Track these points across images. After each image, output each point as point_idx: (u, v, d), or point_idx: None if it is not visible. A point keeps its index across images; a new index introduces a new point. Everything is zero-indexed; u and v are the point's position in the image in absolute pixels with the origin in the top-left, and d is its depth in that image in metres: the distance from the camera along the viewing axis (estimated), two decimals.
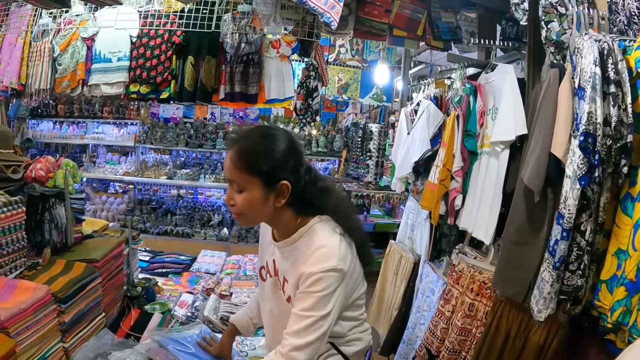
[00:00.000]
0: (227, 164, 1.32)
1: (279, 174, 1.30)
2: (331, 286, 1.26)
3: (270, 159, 1.29)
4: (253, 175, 1.28)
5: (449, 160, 2.61)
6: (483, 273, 2.30)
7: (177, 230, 5.24)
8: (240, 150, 1.29)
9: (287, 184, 1.30)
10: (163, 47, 3.10)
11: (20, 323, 1.34)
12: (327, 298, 1.26)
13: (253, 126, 1.45)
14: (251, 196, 1.30)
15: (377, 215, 5.81)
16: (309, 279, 1.26)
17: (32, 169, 1.91)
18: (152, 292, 2.45)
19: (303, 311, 1.26)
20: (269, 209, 1.33)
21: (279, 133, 1.36)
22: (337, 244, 1.32)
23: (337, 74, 5.34)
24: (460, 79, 2.65)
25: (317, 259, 1.28)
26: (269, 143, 1.31)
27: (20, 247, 1.70)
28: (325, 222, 1.39)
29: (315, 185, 1.39)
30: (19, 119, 5.53)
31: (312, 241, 1.33)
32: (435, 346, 2.48)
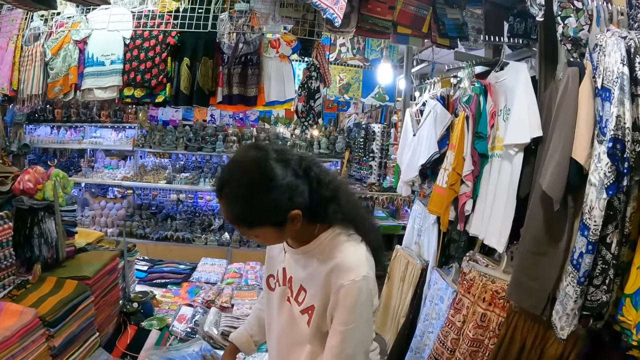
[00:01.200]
0: (227, 218, 1.26)
1: (284, 209, 1.21)
2: (363, 295, 1.24)
3: (269, 209, 1.20)
4: (259, 227, 1.24)
5: (458, 163, 2.50)
6: (496, 282, 2.19)
7: (177, 236, 5.14)
8: (234, 213, 1.22)
9: (297, 212, 1.23)
10: (158, 49, 2.99)
11: (4, 352, 1.25)
12: (360, 307, 1.24)
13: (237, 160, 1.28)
14: (267, 237, 1.29)
15: (381, 217, 5.70)
16: (341, 290, 1.23)
17: (20, 181, 1.82)
18: (150, 307, 2.36)
19: (340, 325, 1.24)
20: (288, 234, 1.30)
21: (265, 166, 1.20)
22: (364, 254, 1.29)
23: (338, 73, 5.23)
24: (469, 78, 2.55)
25: (346, 269, 1.24)
26: (262, 193, 1.18)
27: (7, 265, 1.61)
28: (348, 229, 1.33)
29: (324, 190, 1.29)
30: (16, 124, 5.43)
31: (336, 251, 1.28)
32: (445, 357, 2.38)
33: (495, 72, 2.37)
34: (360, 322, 1.24)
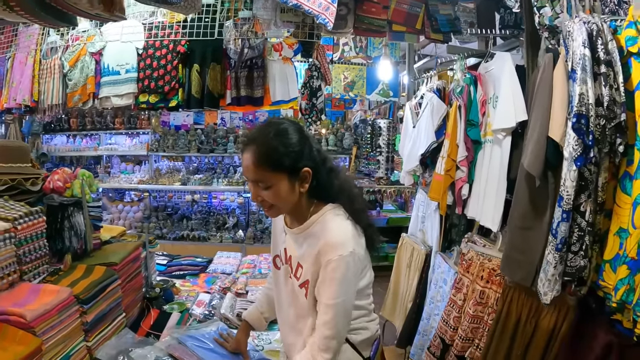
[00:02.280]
0: (249, 166, 1.37)
1: (300, 163, 1.38)
2: (350, 269, 1.34)
3: (291, 153, 1.36)
4: (278, 172, 1.36)
5: (453, 150, 2.64)
6: (492, 260, 2.33)
7: (193, 235, 5.33)
8: (261, 152, 1.35)
9: (309, 169, 1.39)
10: (169, 57, 3.18)
11: (45, 323, 1.42)
12: (348, 281, 1.34)
13: (263, 125, 1.47)
14: (279, 190, 1.37)
15: (390, 210, 5.84)
16: (328, 265, 1.33)
17: (50, 180, 1.99)
18: (170, 293, 2.52)
19: (329, 299, 1.34)
20: (295, 196, 1.41)
21: (289, 125, 1.42)
22: (351, 230, 1.40)
23: (342, 72, 5.38)
24: (461, 70, 2.69)
25: (333, 245, 1.35)
26: (284, 139, 1.37)
27: (42, 255, 1.77)
28: (337, 208, 1.46)
29: (324, 165, 1.47)
30: (33, 134, 5.67)
31: (326, 228, 1.40)
32: (449, 335, 2.51)
33: (485, 63, 2.51)
34: (348, 295, 1.36)
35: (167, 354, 1.68)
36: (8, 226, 1.59)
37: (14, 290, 1.56)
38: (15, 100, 3.49)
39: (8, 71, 3.60)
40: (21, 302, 1.47)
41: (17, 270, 1.63)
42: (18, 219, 1.65)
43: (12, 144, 2.13)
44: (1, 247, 1.55)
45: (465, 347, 2.38)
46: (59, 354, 1.48)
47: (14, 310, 1.39)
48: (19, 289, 1.57)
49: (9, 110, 3.68)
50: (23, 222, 1.67)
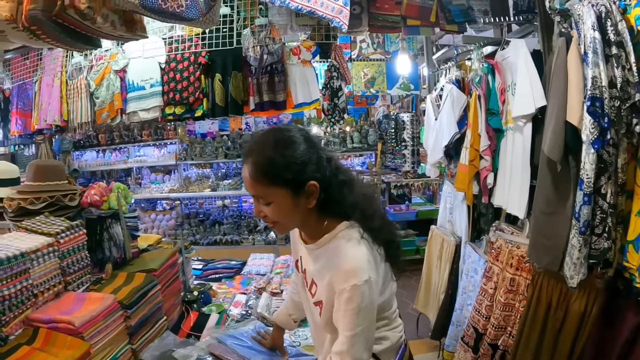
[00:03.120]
0: (247, 179, 1.26)
1: (304, 176, 1.24)
2: (365, 298, 1.22)
3: (292, 165, 1.22)
4: (278, 187, 1.23)
5: (475, 140, 2.66)
6: (520, 247, 2.33)
7: (226, 239, 5.47)
8: (258, 165, 1.23)
9: (315, 183, 1.25)
10: (191, 69, 3.29)
11: (92, 328, 1.51)
12: (364, 310, 1.23)
13: (264, 133, 1.34)
14: (281, 206, 1.26)
15: (418, 204, 5.83)
16: (342, 295, 1.23)
17: (87, 195, 2.11)
18: (208, 296, 2.61)
19: (346, 330, 1.24)
20: (301, 213, 1.29)
21: (292, 133, 1.29)
22: (365, 255, 1.27)
23: (362, 69, 5.40)
24: (478, 59, 2.69)
25: (347, 274, 1.23)
26: (285, 149, 1.24)
27: (84, 265, 1.88)
28: (352, 228, 1.33)
29: (337, 177, 1.33)
30: (64, 152, 5.92)
31: (339, 253, 1.28)
32: (481, 324, 2.53)
33: (501, 51, 2.51)
34: (366, 323, 1.24)
35: (209, 352, 1.75)
36: (51, 240, 1.70)
37: (60, 300, 1.67)
38: (45, 121, 3.66)
39: (36, 94, 3.79)
40: (68, 310, 1.57)
41: (61, 281, 1.74)
42: (60, 233, 1.76)
43: (48, 163, 2.25)
44: (46, 260, 1.66)
45: (498, 335, 2.39)
46: (107, 357, 1.57)
47: (62, 317, 1.49)
48: (65, 298, 1.68)
49: (40, 131, 3.87)
50: (65, 235, 1.78)
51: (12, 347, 1.41)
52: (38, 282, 1.63)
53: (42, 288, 1.65)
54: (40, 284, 1.64)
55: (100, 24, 1.88)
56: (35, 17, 1.82)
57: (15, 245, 1.60)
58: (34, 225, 1.81)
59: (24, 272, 1.57)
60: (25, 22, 1.84)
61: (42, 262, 1.66)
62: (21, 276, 1.55)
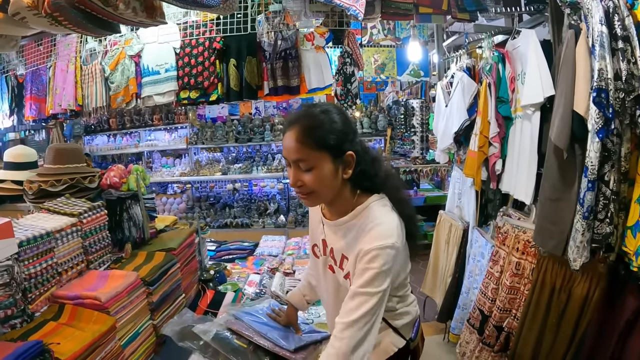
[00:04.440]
0: (292, 144, 1.30)
1: (345, 145, 1.32)
2: (388, 263, 1.25)
3: (336, 132, 1.30)
4: (322, 151, 1.29)
5: (484, 127, 2.70)
6: (527, 232, 2.39)
7: (236, 222, 5.56)
8: (307, 128, 1.29)
9: (353, 153, 1.33)
10: (206, 54, 3.34)
11: (117, 304, 1.59)
12: (384, 274, 1.25)
13: (307, 105, 1.40)
14: (322, 172, 1.30)
15: (427, 189, 5.88)
16: (367, 255, 1.26)
17: (107, 177, 2.18)
18: (223, 275, 2.71)
19: (359, 287, 1.26)
20: (337, 183, 1.35)
21: (332, 107, 1.38)
22: (396, 223, 1.32)
23: (372, 55, 5.41)
24: (489, 48, 2.72)
25: (376, 235, 1.28)
26: (330, 117, 1.32)
27: (105, 245, 1.95)
28: (382, 199, 1.40)
29: (367, 154, 1.42)
30: (75, 136, 6.00)
31: (371, 218, 1.34)
32: (487, 307, 2.60)
33: (512, 40, 2.54)
34: (381, 287, 1.25)
35: (227, 328, 1.82)
36: (75, 220, 1.77)
37: (84, 277, 1.74)
38: (60, 106, 3.71)
39: (50, 79, 3.84)
40: (92, 287, 1.64)
41: (84, 260, 1.81)
42: (83, 214, 1.82)
43: (67, 147, 2.31)
44: (69, 240, 1.73)
45: (503, 318, 2.46)
46: (130, 331, 1.66)
47: (88, 294, 1.56)
48: (88, 276, 1.75)
49: (55, 116, 3.93)
50: (87, 216, 1.85)
51: (39, 323, 1.47)
52: (62, 260, 1.69)
53: (66, 266, 1.72)
54: (64, 262, 1.71)
55: (122, 10, 1.92)
56: (58, 3, 1.86)
57: (40, 225, 1.66)
58: (56, 206, 1.87)
59: (49, 251, 1.63)
60: (47, 8, 1.88)
61: (66, 242, 1.72)
62: (46, 255, 1.61)
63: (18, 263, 1.52)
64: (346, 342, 1.23)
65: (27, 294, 1.56)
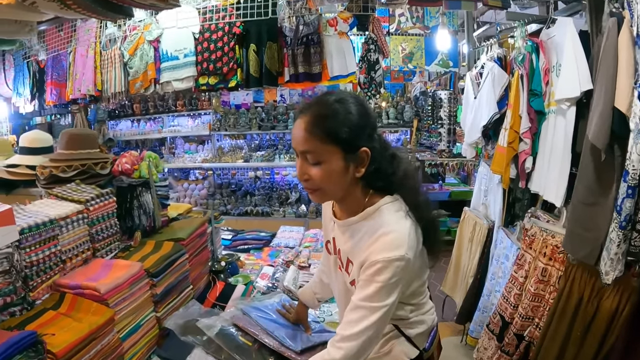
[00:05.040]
0: (299, 134, 1.19)
1: (359, 140, 1.19)
2: (395, 276, 1.14)
3: (350, 124, 1.17)
4: (332, 144, 1.17)
5: (515, 121, 2.55)
6: (555, 237, 2.24)
7: (256, 210, 5.51)
8: (317, 117, 1.17)
9: (367, 150, 1.20)
10: (225, 39, 3.26)
11: (117, 295, 1.54)
12: (389, 288, 1.15)
13: (324, 93, 1.27)
14: (330, 168, 1.18)
15: (452, 184, 5.72)
16: (373, 266, 1.15)
17: (119, 164, 2.13)
18: (235, 266, 2.64)
19: (362, 300, 1.17)
20: (347, 181, 1.22)
21: (350, 97, 1.24)
22: (407, 231, 1.19)
23: (400, 43, 5.24)
24: (522, 37, 2.55)
25: (384, 245, 1.16)
26: (345, 108, 1.19)
27: (113, 233, 1.91)
28: (395, 202, 1.27)
29: (386, 151, 1.28)
30: (99, 121, 6.07)
31: (380, 224, 1.22)
32: (508, 313, 2.47)
33: (546, 29, 2.37)
34: (385, 303, 1.15)
35: (232, 323, 1.76)
36: (81, 207, 1.73)
37: (88, 266, 1.70)
38: (79, 91, 3.74)
39: (70, 65, 3.87)
40: (94, 276, 1.60)
41: (90, 247, 1.77)
42: (90, 201, 1.78)
43: (80, 132, 2.28)
44: (75, 227, 1.69)
45: (524, 326, 2.33)
46: (131, 324, 1.60)
47: (88, 284, 1.51)
48: (93, 264, 1.71)
49: (75, 101, 3.96)
50: (95, 203, 1.81)
51: (38, 312, 1.44)
52: (66, 248, 1.66)
53: (71, 254, 1.68)
54: (69, 250, 1.67)
55: None
56: None
57: (44, 212, 1.63)
58: (64, 192, 1.84)
59: (53, 238, 1.59)
60: None
61: (71, 229, 1.68)
62: (49, 242, 1.58)
63: (19, 250, 1.49)
64: (343, 353, 1.17)
65: (29, 281, 1.52)
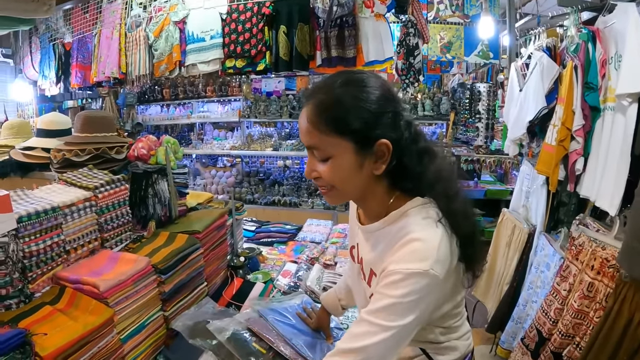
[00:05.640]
0: (303, 125, 1.03)
1: (376, 130, 0.99)
2: (414, 294, 0.96)
3: (362, 111, 0.98)
4: (341, 137, 0.99)
5: (568, 118, 2.32)
6: (606, 249, 2.01)
7: (284, 200, 5.39)
8: (319, 106, 1.00)
9: (387, 142, 1.00)
10: (254, 20, 3.13)
11: (119, 293, 1.42)
12: (404, 307, 0.96)
13: (333, 74, 1.08)
14: (341, 164, 1.01)
15: (488, 182, 5.46)
16: (390, 277, 0.98)
17: (135, 148, 2.03)
18: (256, 262, 2.51)
19: (369, 314, 0.99)
20: (364, 179, 1.05)
21: (368, 77, 1.03)
22: (437, 242, 0.99)
23: (438, 32, 4.98)
24: (575, 25, 2.31)
25: (406, 254, 0.98)
26: (357, 91, 1.00)
27: (124, 222, 1.82)
28: (427, 206, 1.07)
29: (415, 144, 1.06)
30: (128, 105, 6.11)
31: (405, 230, 1.03)
32: (547, 328, 2.26)
33: (603, 17, 2.13)
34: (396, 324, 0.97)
35: (246, 327, 1.64)
36: (89, 195, 1.64)
37: (94, 257, 1.61)
38: (104, 74, 3.71)
39: (96, 47, 3.85)
40: (98, 270, 1.50)
41: (98, 238, 1.69)
42: (99, 187, 1.69)
43: (96, 114, 2.19)
44: (82, 216, 1.61)
45: (563, 344, 2.11)
46: (134, 324, 1.49)
47: (87, 279, 1.41)
48: (99, 256, 1.62)
49: (99, 84, 3.94)
50: (104, 190, 1.71)
51: (35, 306, 1.36)
52: (72, 237, 1.58)
53: (76, 244, 1.61)
54: (74, 239, 1.60)
55: None
56: None
57: (48, 199, 1.54)
58: (74, 178, 1.76)
59: (56, 227, 1.52)
60: None
61: (77, 218, 1.61)
62: (52, 231, 1.50)
63: (16, 240, 1.40)
64: None
65: (27, 272, 1.44)
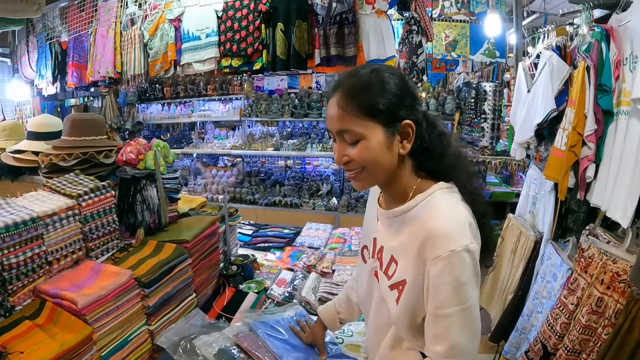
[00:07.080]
0: (334, 112, 1.09)
1: (400, 111, 1.08)
2: (466, 269, 1.01)
3: (389, 94, 1.07)
4: (371, 118, 1.07)
5: (579, 121, 2.20)
6: (617, 262, 1.90)
7: (285, 201, 5.30)
8: (351, 91, 1.08)
9: (411, 123, 1.09)
10: (250, 17, 3.04)
11: (98, 310, 1.35)
12: (464, 285, 1.02)
13: (358, 66, 1.18)
14: (372, 144, 1.07)
15: (493, 183, 5.35)
16: (436, 266, 1.02)
17: (123, 153, 1.95)
18: (250, 270, 2.42)
19: (439, 308, 1.04)
20: (393, 159, 1.11)
21: (386, 67, 1.14)
22: (467, 218, 1.07)
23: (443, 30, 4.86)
24: (587, 23, 2.20)
25: (444, 237, 1.03)
26: (381, 77, 1.09)
27: (110, 231, 1.74)
28: (450, 189, 1.14)
29: (433, 128, 1.16)
30: (129, 104, 6.06)
31: (435, 212, 1.08)
32: (552, 342, 2.16)
33: (617, 15, 2.01)
34: (466, 302, 1.02)
35: (235, 343, 1.57)
36: (72, 203, 1.58)
37: (77, 269, 1.55)
38: (99, 73, 3.64)
39: (91, 46, 3.80)
40: (80, 283, 1.44)
41: (82, 247, 1.63)
42: (83, 195, 1.62)
43: (85, 117, 2.11)
44: (64, 225, 1.55)
45: None
46: (117, 339, 1.43)
47: (66, 294, 1.35)
48: (82, 267, 1.56)
49: (95, 83, 3.88)
50: (88, 198, 1.64)
51: (14, 321, 1.31)
52: (54, 248, 1.52)
53: (59, 255, 1.54)
54: (57, 250, 1.54)
55: None
56: None
57: (29, 209, 1.47)
58: (59, 184, 1.70)
59: (36, 238, 1.46)
60: None
61: (60, 227, 1.54)
62: (32, 243, 1.44)
63: None
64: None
65: (7, 285, 1.38)
